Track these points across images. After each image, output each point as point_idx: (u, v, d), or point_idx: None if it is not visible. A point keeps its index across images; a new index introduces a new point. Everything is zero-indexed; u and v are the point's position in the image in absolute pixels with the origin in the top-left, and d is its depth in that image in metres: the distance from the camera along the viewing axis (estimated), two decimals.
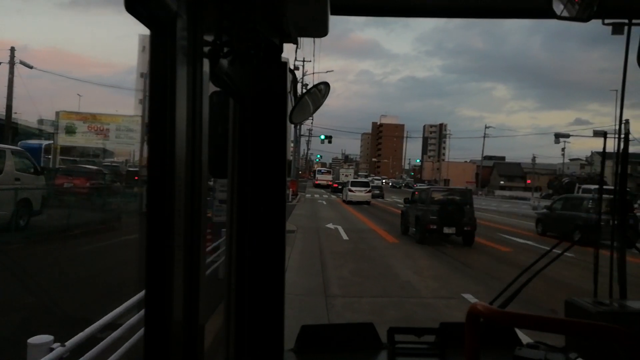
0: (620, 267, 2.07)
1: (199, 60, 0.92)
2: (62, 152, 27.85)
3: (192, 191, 0.90)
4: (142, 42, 37.69)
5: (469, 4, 1.70)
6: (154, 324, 0.83)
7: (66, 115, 27.51)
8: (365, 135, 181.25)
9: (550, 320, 0.91)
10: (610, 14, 1.63)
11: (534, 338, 1.70)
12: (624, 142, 2.05)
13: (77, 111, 28.50)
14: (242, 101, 1.45)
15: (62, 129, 26.95)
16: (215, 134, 1.28)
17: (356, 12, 1.70)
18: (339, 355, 1.78)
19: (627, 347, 0.83)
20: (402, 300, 7.61)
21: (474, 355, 0.93)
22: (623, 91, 1.95)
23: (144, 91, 29.62)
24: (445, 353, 1.75)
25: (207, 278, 1.01)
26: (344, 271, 9.71)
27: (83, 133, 27.71)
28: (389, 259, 11.54)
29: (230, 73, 1.19)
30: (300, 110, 1.67)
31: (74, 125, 27.40)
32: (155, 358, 0.84)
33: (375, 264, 10.87)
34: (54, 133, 27.27)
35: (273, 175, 1.49)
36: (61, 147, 27.12)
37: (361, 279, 9.11)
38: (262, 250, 1.49)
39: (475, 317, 0.93)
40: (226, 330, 1.48)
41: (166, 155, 0.82)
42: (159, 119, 0.82)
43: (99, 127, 27.91)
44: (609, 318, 1.68)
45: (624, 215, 2.13)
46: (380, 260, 11.43)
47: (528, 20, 2.28)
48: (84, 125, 27.68)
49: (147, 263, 0.82)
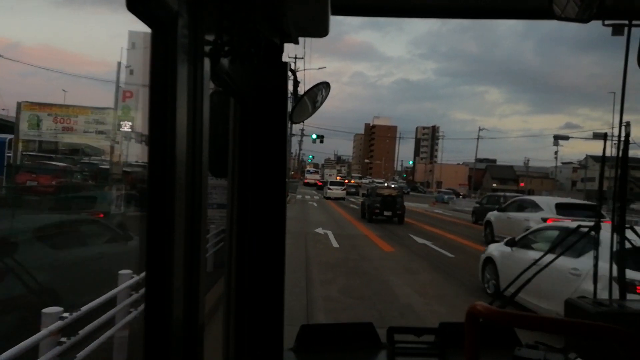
0: (619, 267, 2.07)
1: (199, 59, 0.92)
2: (37, 149, 25.59)
3: (193, 191, 0.90)
4: (132, 38, 35.92)
5: (469, 4, 1.70)
6: (153, 324, 0.83)
7: (28, 106, 24.69)
8: (358, 136, 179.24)
9: (549, 320, 0.91)
10: (611, 15, 1.63)
11: (533, 338, 1.70)
12: (624, 144, 2.05)
13: (40, 102, 25.56)
14: (242, 101, 1.45)
15: (25, 122, 24.21)
16: (216, 133, 1.28)
17: (357, 13, 1.70)
18: (338, 354, 1.78)
19: (626, 347, 0.84)
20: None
21: (474, 355, 0.93)
22: (623, 92, 1.95)
23: (116, 85, 27.69)
24: (444, 353, 1.75)
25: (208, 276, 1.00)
26: (332, 290, 8.44)
27: (49, 127, 24.73)
28: (385, 274, 10.13)
29: (231, 72, 1.19)
30: (301, 110, 1.68)
31: (38, 117, 24.61)
32: (155, 358, 0.84)
33: (369, 280, 9.47)
34: (14, 126, 24.50)
35: (273, 175, 1.49)
36: (24, 141, 24.42)
37: (353, 300, 7.90)
38: (262, 249, 1.49)
39: (474, 317, 0.93)
40: (226, 329, 1.48)
41: (166, 154, 0.82)
42: (159, 118, 0.82)
43: (65, 120, 25.05)
44: (608, 318, 1.68)
45: (624, 215, 2.13)
46: (375, 274, 10.08)
47: (521, 24, 2.28)
48: (49, 117, 24.89)
49: (147, 263, 0.82)
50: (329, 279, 9.28)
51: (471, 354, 0.93)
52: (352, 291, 8.49)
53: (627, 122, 2.04)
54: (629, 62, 1.85)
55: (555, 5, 1.36)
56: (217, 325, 1.42)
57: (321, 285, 8.80)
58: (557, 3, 1.36)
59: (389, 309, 7.41)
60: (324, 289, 8.53)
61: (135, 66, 38.05)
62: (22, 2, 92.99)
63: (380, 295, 8.29)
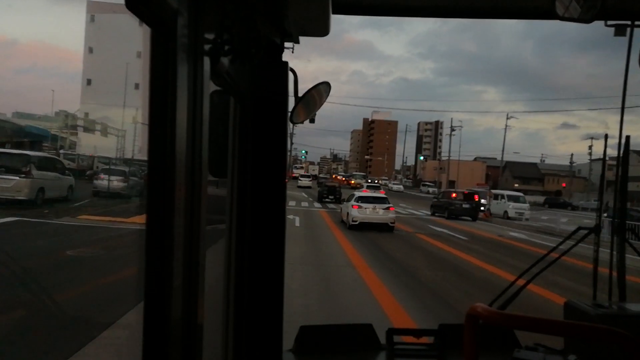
0: (619, 269, 2.07)
1: (199, 58, 0.91)
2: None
3: (192, 191, 0.90)
4: (90, 9, 34.21)
5: (471, 4, 1.69)
6: (152, 324, 0.83)
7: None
8: (356, 132, 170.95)
9: (549, 322, 0.91)
10: (613, 15, 1.63)
11: (532, 340, 1.69)
12: (624, 144, 2.05)
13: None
14: (242, 100, 1.44)
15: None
16: (216, 133, 1.28)
17: (357, 12, 1.69)
18: (337, 355, 1.78)
19: (626, 349, 0.83)
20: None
21: (473, 356, 0.93)
22: (624, 92, 1.95)
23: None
24: (444, 354, 1.75)
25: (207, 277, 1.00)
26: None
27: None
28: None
29: (231, 72, 1.19)
30: (301, 110, 1.67)
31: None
32: (153, 358, 0.83)
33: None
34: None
35: (273, 175, 1.49)
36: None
37: None
38: (261, 249, 1.49)
39: (474, 318, 0.93)
40: (225, 330, 1.47)
41: (166, 154, 0.82)
42: (159, 118, 0.81)
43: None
44: (608, 320, 1.68)
45: (624, 216, 2.13)
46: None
47: (520, 25, 2.28)
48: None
49: (146, 262, 0.82)
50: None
51: (470, 356, 0.93)
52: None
53: (627, 138, 2.03)
54: (631, 63, 1.84)
55: (558, 5, 1.36)
56: (216, 325, 1.42)
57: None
58: (560, 3, 1.35)
59: None
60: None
61: (97, 44, 35.73)
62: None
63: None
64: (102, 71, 34.00)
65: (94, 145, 32.11)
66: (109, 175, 20.04)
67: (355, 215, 18.69)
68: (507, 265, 12.39)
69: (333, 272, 10.30)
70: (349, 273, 10.23)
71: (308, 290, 8.29)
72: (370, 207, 18.87)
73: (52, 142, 31.09)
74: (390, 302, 7.86)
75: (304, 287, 8.42)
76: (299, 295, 7.76)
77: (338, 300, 8.13)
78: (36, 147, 25.53)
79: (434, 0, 1.70)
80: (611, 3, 1.39)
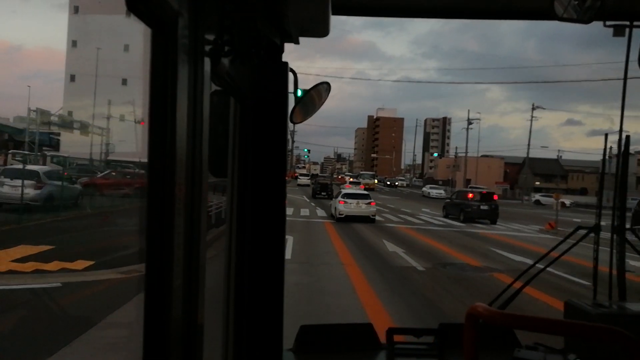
0: (619, 269, 2.07)
1: (200, 59, 0.92)
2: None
3: (192, 191, 0.90)
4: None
5: (471, 4, 1.70)
6: (153, 324, 0.83)
7: None
8: (360, 130, 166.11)
9: (549, 321, 0.91)
10: (612, 15, 1.63)
11: (532, 339, 1.69)
12: (624, 144, 2.05)
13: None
14: (242, 101, 1.44)
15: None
16: (216, 133, 1.28)
17: (357, 12, 1.70)
18: (337, 355, 1.78)
19: (626, 349, 0.84)
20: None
21: (473, 356, 0.93)
22: (624, 92, 1.95)
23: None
24: (444, 354, 1.75)
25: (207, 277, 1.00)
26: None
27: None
28: None
29: (231, 72, 1.19)
30: (301, 110, 1.67)
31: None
32: (153, 358, 0.84)
33: None
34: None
35: (273, 175, 1.49)
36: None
37: None
38: (261, 249, 1.49)
39: (474, 318, 0.93)
40: (225, 329, 1.47)
41: (166, 154, 0.82)
42: (160, 118, 0.82)
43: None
44: (608, 320, 1.68)
45: (624, 216, 2.13)
46: None
47: (523, 23, 2.28)
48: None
49: (146, 262, 0.82)
50: None
51: (471, 355, 0.93)
52: None
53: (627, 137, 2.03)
54: (630, 63, 1.84)
55: (557, 6, 1.36)
56: (216, 325, 1.42)
57: None
58: (559, 4, 1.36)
59: None
60: None
61: (79, 34, 34.30)
62: (24, 4, 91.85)
63: None
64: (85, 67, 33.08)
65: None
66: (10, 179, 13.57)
67: (341, 209, 21.14)
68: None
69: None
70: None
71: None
72: (354, 202, 21.24)
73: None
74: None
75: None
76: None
77: None
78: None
79: (433, 1, 1.70)
80: (610, 4, 1.39)
